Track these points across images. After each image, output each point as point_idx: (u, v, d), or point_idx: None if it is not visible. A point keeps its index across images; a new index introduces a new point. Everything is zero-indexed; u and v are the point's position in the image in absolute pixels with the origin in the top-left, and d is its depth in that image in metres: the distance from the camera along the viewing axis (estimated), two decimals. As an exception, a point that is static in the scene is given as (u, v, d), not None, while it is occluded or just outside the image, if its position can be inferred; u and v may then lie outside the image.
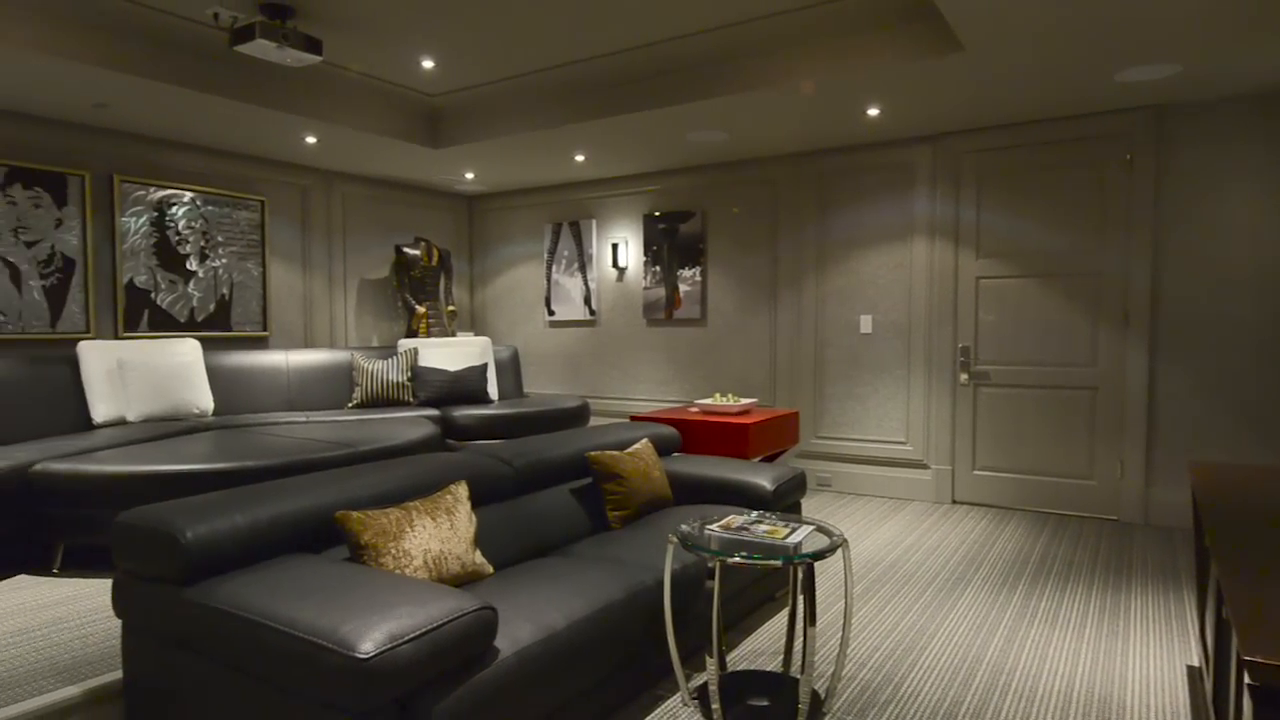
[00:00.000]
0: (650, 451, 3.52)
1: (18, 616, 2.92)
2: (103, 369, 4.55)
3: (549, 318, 7.41)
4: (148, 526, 2.07)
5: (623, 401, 6.98)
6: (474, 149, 5.79)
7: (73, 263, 5.09)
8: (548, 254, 7.39)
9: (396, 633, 1.69)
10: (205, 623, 1.91)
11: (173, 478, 3.34)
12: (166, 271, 5.59)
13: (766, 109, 4.77)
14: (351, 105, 5.18)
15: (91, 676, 2.36)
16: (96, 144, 5.22)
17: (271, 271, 6.29)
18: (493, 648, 1.94)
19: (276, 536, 2.20)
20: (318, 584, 1.92)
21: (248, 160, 6.09)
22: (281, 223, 6.37)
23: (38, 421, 4.25)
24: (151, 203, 5.49)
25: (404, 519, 2.29)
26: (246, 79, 4.61)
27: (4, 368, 4.21)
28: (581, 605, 2.24)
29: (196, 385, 4.91)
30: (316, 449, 3.79)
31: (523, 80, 5.07)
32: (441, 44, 4.45)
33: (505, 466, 3.01)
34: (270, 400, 5.43)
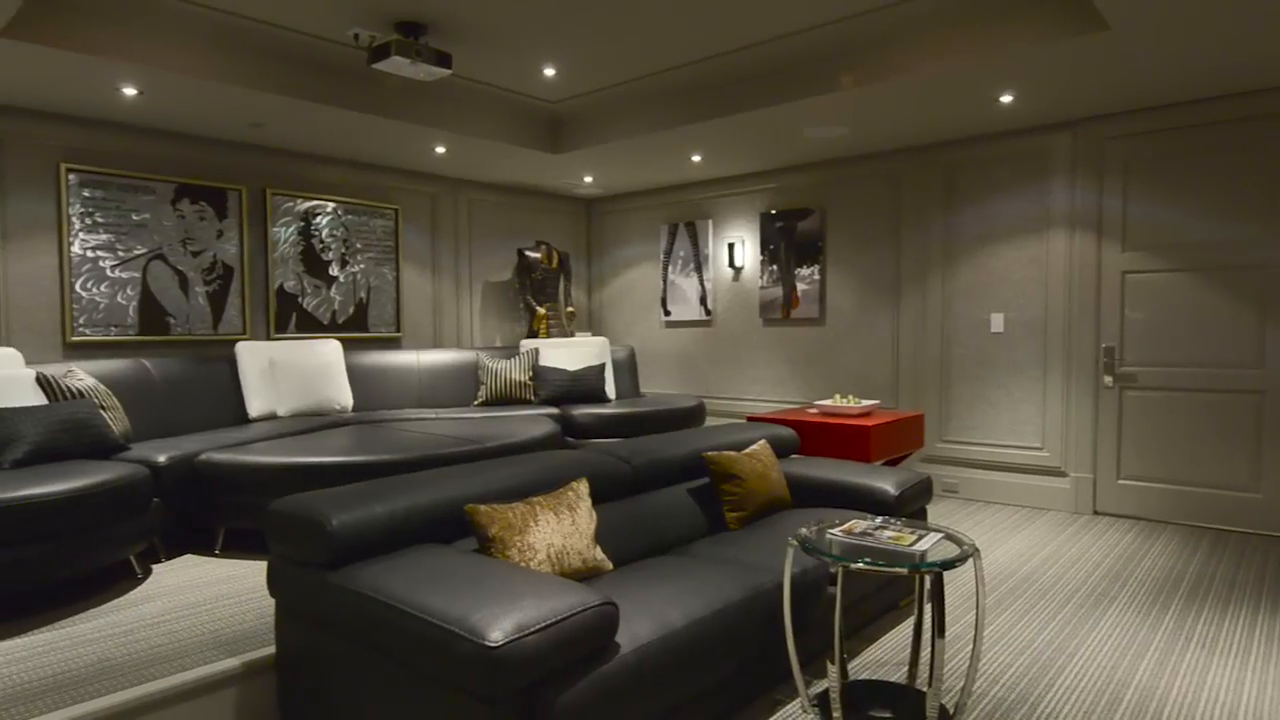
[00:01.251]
0: (768, 453, 3.49)
1: (186, 592, 3.21)
2: (256, 368, 4.94)
3: (665, 318, 7.46)
4: (298, 514, 2.23)
5: (738, 402, 6.93)
6: (592, 153, 5.90)
7: (231, 270, 5.56)
8: (664, 255, 7.44)
9: (523, 623, 1.75)
10: (348, 605, 2.04)
11: (318, 469, 3.59)
12: (311, 277, 6.01)
13: (889, 101, 4.62)
14: (477, 115, 5.40)
15: (248, 650, 2.57)
16: (251, 160, 5.67)
17: (404, 276, 6.64)
18: (613, 643, 1.97)
19: (411, 526, 2.32)
20: (450, 573, 2.02)
21: (383, 171, 6.45)
22: (413, 229, 6.71)
23: (202, 415, 4.66)
24: (298, 213, 5.92)
25: (528, 514, 2.36)
26: (383, 95, 4.89)
27: (175, 366, 4.65)
28: (700, 605, 2.25)
29: (338, 383, 5.25)
30: (446, 444, 3.97)
31: (640, 83, 5.13)
32: (562, 52, 4.56)
33: (624, 465, 3.06)
34: (403, 397, 5.73)
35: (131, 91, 4.34)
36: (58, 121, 4.81)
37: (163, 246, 5.22)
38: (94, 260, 4.94)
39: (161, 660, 2.51)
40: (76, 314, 4.89)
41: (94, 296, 4.95)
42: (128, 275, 5.08)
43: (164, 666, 2.45)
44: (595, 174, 6.74)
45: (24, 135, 4.70)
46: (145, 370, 4.45)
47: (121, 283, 5.06)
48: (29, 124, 4.71)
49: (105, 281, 4.99)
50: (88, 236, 4.91)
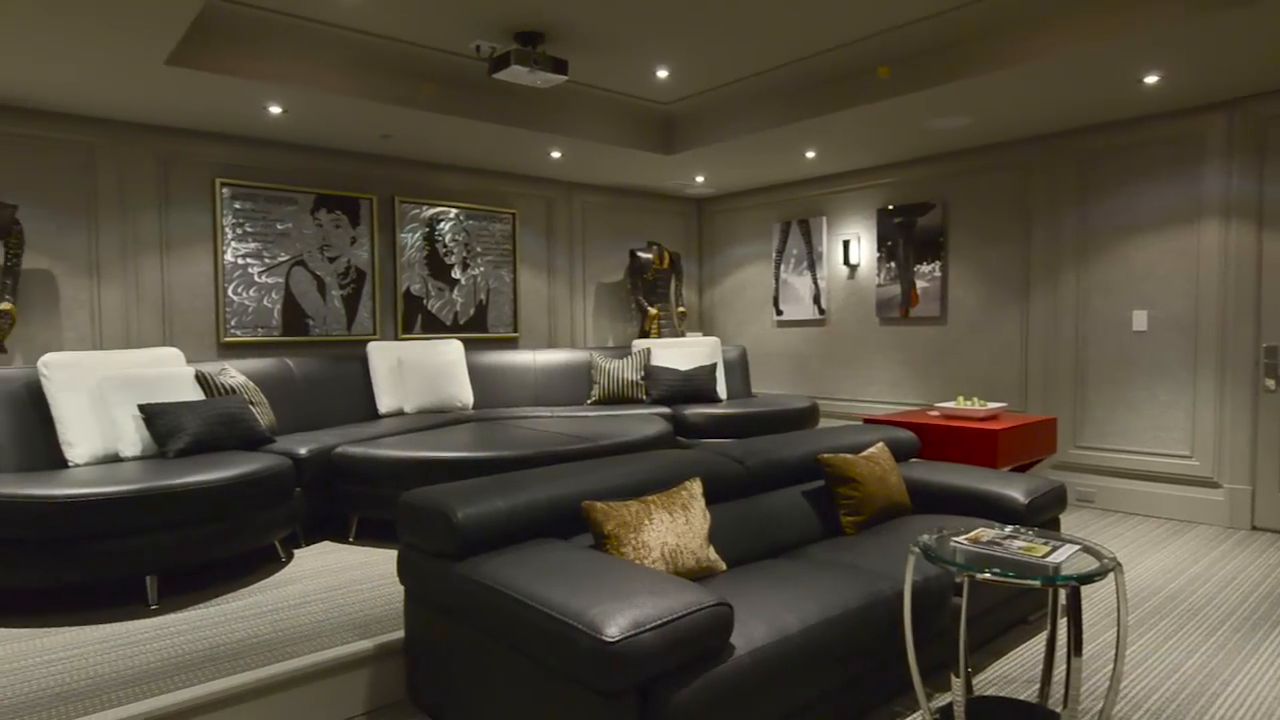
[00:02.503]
0: (886, 456, 3.38)
1: (323, 577, 3.43)
2: (386, 366, 5.22)
3: (777, 317, 7.36)
4: (426, 506, 2.34)
5: (853, 403, 6.76)
6: (704, 153, 5.90)
7: (364, 274, 5.90)
8: (776, 253, 7.34)
9: (639, 620, 1.77)
10: (472, 594, 2.13)
11: (443, 463, 3.75)
12: (435, 280, 6.29)
13: (1018, 88, 4.38)
14: (592, 119, 5.50)
15: (380, 634, 2.72)
16: (381, 170, 6.00)
17: (521, 278, 6.85)
18: (728, 644, 1.97)
19: (530, 521, 2.39)
20: (567, 568, 2.07)
21: (501, 177, 6.68)
22: (529, 233, 6.91)
23: (337, 410, 4.97)
24: (424, 219, 6.21)
25: (643, 512, 2.39)
26: (501, 103, 5.06)
27: (313, 365, 4.97)
28: (816, 610, 2.21)
29: (460, 381, 5.47)
30: (561, 442, 4.07)
31: (753, 81, 5.08)
32: (675, 53, 4.58)
33: (737, 465, 3.04)
34: (520, 396, 5.91)
35: (277, 110, 4.68)
36: (213, 140, 5.24)
37: (303, 253, 5.60)
38: (244, 267, 5.36)
39: (302, 639, 2.69)
40: (229, 316, 5.32)
41: (243, 300, 5.37)
42: (273, 281, 5.48)
43: (304, 645, 2.63)
44: (707, 173, 6.74)
45: (185, 154, 5.16)
46: (288, 369, 4.78)
47: (267, 287, 5.46)
48: (189, 143, 5.16)
49: (253, 287, 5.41)
50: (238, 245, 5.33)
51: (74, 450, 3.45)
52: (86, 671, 2.46)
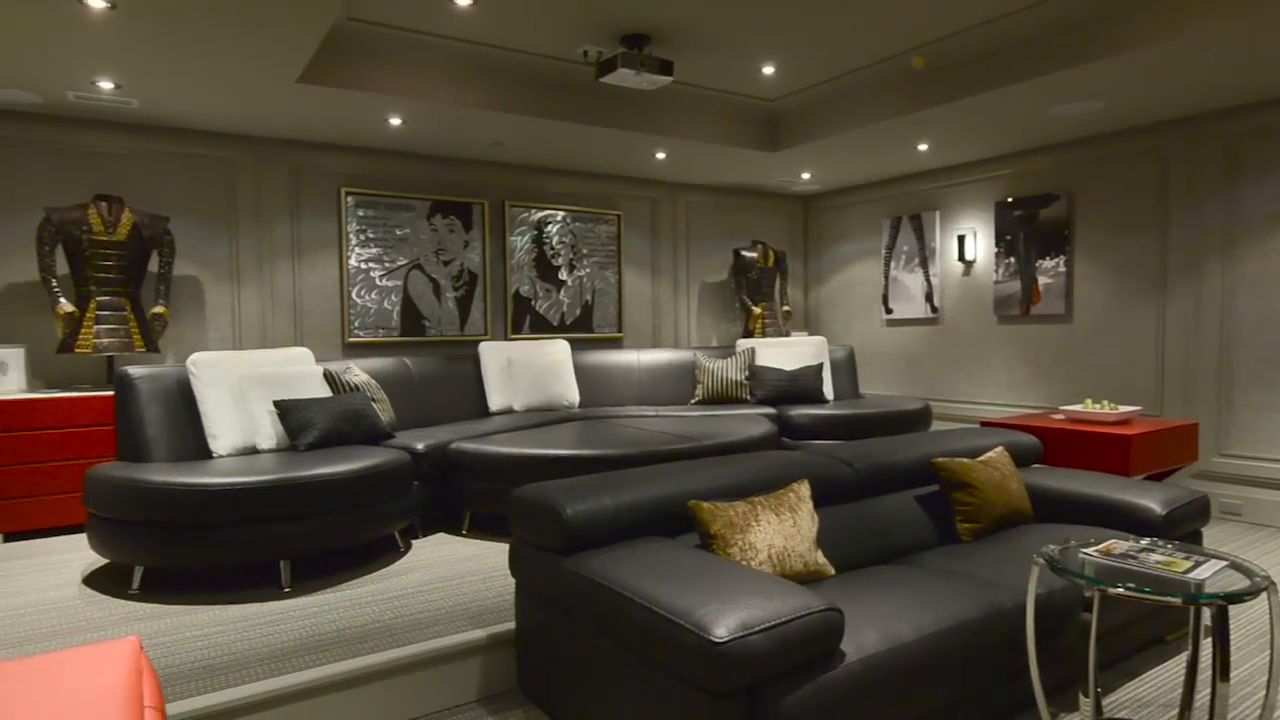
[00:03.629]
0: (1006, 461, 3.22)
1: (439, 567, 3.57)
2: (496, 366, 5.39)
3: (886, 316, 7.14)
4: (536, 501, 2.41)
5: (968, 405, 6.48)
6: (811, 149, 5.79)
7: (475, 277, 6.11)
8: (885, 250, 7.13)
9: (747, 622, 1.76)
10: (580, 589, 2.17)
11: (552, 460, 3.84)
12: (543, 281, 6.45)
13: (1155, 69, 4.08)
14: (696, 119, 5.50)
15: (492, 624, 2.81)
16: (492, 176, 6.20)
17: (625, 278, 6.93)
18: (839, 650, 1.93)
19: (636, 519, 2.42)
20: (674, 567, 2.08)
21: (606, 179, 6.77)
22: (634, 234, 6.98)
23: (451, 408, 5.17)
24: (532, 223, 6.38)
25: (750, 513, 2.37)
26: (607, 107, 5.13)
27: (429, 364, 5.19)
28: (931, 619, 2.13)
29: (566, 380, 5.59)
30: (666, 441, 4.09)
31: (862, 74, 4.95)
32: (782, 49, 4.52)
33: (846, 468, 2.97)
34: (624, 395, 5.98)
35: (397, 121, 4.91)
36: (338, 152, 5.56)
37: (420, 257, 5.86)
38: (366, 271, 5.65)
39: (420, 626, 2.81)
40: (352, 318, 5.63)
41: (365, 303, 5.66)
42: (392, 284, 5.76)
43: (422, 631, 2.75)
44: (814, 170, 6.61)
45: (314, 165, 5.49)
46: (406, 368, 5.01)
47: (387, 290, 5.74)
48: (317, 156, 5.49)
49: (375, 290, 5.70)
50: (361, 250, 5.63)
51: (218, 442, 3.73)
52: (229, 648, 2.66)
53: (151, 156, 4.99)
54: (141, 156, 4.96)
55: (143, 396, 3.66)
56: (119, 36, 3.46)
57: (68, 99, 4.33)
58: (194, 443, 3.75)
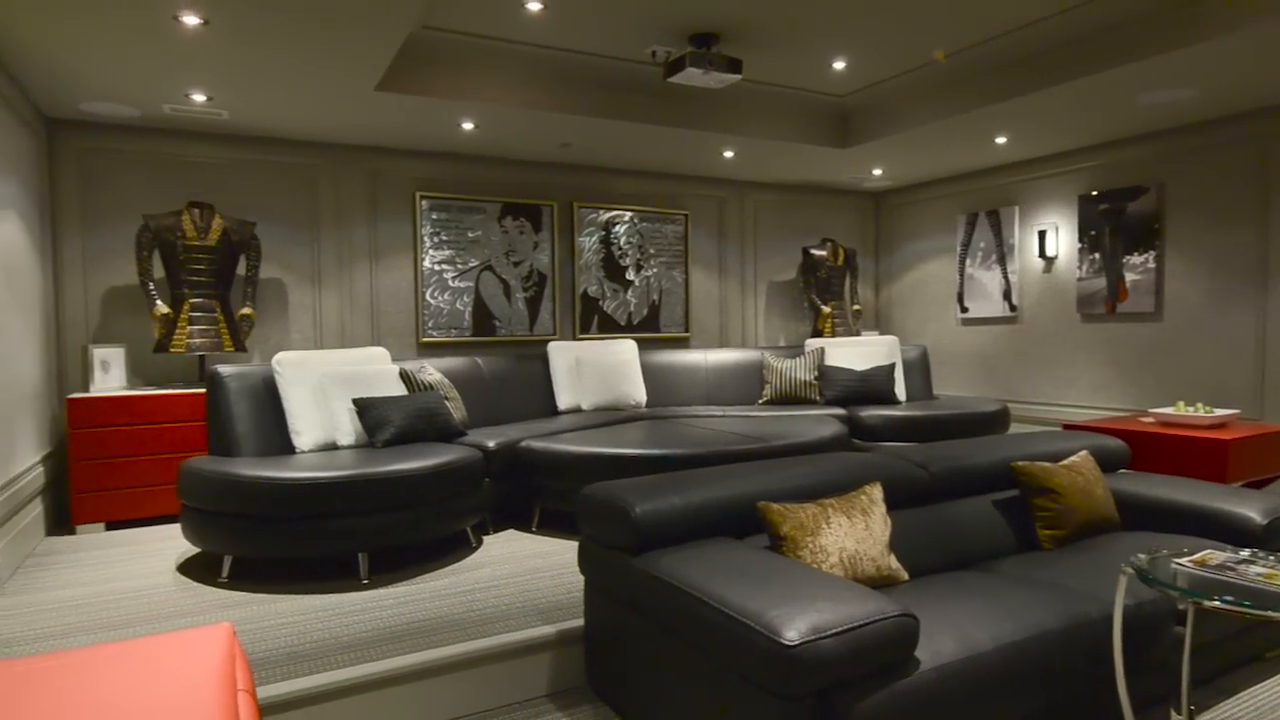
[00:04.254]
0: (1091, 466, 3.09)
1: (509, 563, 3.64)
2: (564, 365, 5.45)
3: (961, 315, 6.94)
4: (605, 500, 2.43)
5: (1049, 408, 6.24)
6: (883, 144, 5.67)
7: (545, 278, 6.20)
8: (960, 247, 6.93)
9: (819, 626, 1.74)
10: (649, 589, 2.18)
11: (620, 459, 3.87)
12: (611, 282, 6.49)
13: (1257, 51, 3.86)
14: (765, 117, 5.45)
15: (561, 620, 2.84)
16: (560, 178, 6.27)
17: (692, 278, 6.92)
18: (913, 657, 1.88)
19: (705, 519, 2.41)
20: (744, 568, 2.06)
21: (674, 179, 6.78)
22: (701, 233, 6.96)
23: (520, 406, 5.25)
24: (600, 224, 6.43)
25: (820, 515, 2.34)
26: (675, 106, 5.14)
27: (499, 363, 5.29)
28: (1010, 629, 2.06)
29: (633, 380, 5.61)
30: (734, 441, 4.07)
31: (936, 67, 4.82)
32: (853, 43, 4.44)
33: (920, 471, 2.90)
34: (691, 394, 5.97)
35: (469, 126, 5.02)
36: (413, 157, 5.71)
37: (491, 259, 5.98)
38: (439, 273, 5.80)
39: (491, 620, 2.87)
40: (426, 318, 5.78)
41: (439, 304, 5.81)
42: (464, 285, 5.89)
43: (493, 626, 2.80)
44: (885, 166, 6.48)
45: (391, 170, 5.66)
46: (477, 367, 5.12)
47: (459, 291, 5.88)
48: (394, 161, 5.66)
49: (447, 291, 5.84)
50: (435, 252, 5.78)
51: (301, 438, 3.88)
52: (311, 635, 2.77)
53: (239, 165, 5.23)
54: (230, 165, 5.20)
55: (232, 394, 3.84)
56: (211, 52, 3.64)
57: (164, 112, 4.57)
58: (278, 438, 3.91)
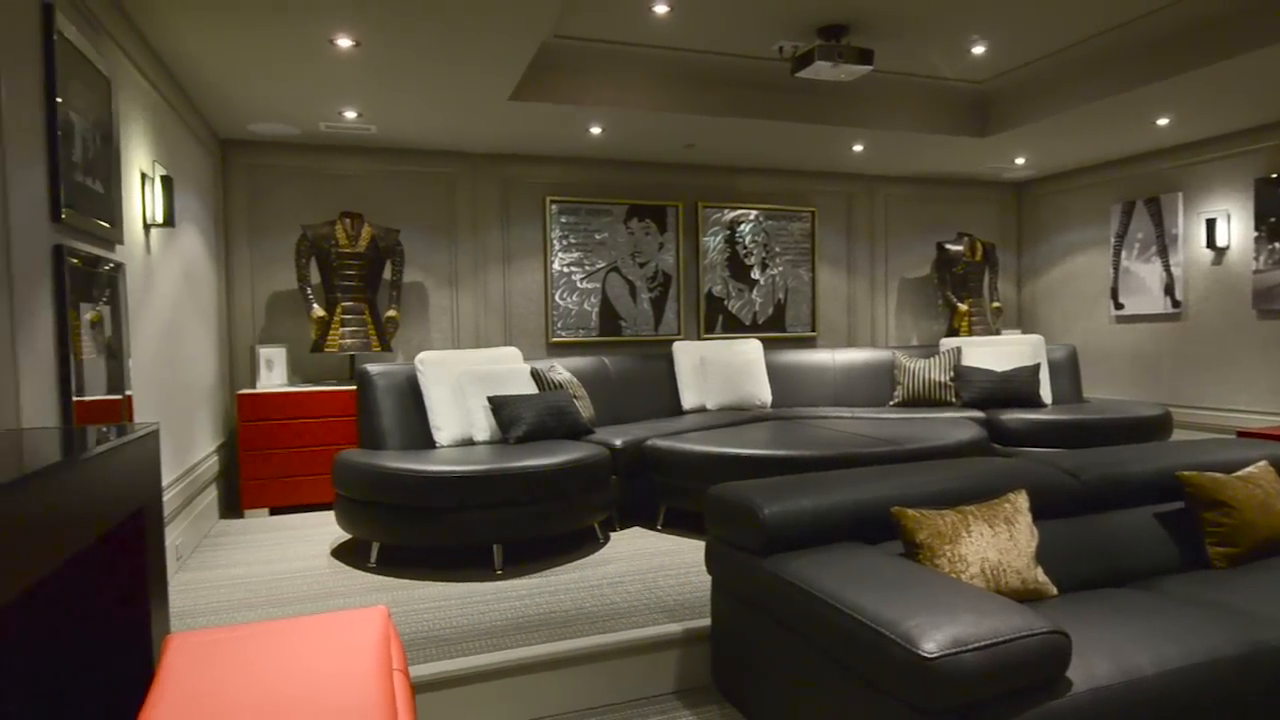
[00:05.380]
0: (1271, 477, 2.80)
1: (636, 560, 3.69)
2: (689, 365, 5.47)
3: (1115, 312, 6.44)
4: (733, 500, 2.42)
5: (1218, 413, 5.69)
6: (1026, 131, 5.35)
7: (669, 278, 6.24)
8: (1115, 238, 6.43)
9: (961, 638, 1.66)
10: (778, 591, 2.15)
11: (746, 459, 3.84)
12: (735, 281, 6.46)
13: None
14: (897, 108, 5.26)
15: (687, 619, 2.86)
16: (685, 178, 6.30)
17: (819, 276, 6.77)
18: (1064, 678, 1.77)
19: (835, 523, 2.36)
20: (878, 574, 2.00)
21: (800, 175, 6.66)
22: (828, 230, 6.81)
23: (646, 406, 5.31)
24: (724, 223, 6.41)
25: (959, 522, 2.24)
26: (801, 101, 5.04)
27: (625, 363, 5.37)
28: (1176, 653, 1.90)
29: (758, 380, 5.56)
30: (864, 444, 3.95)
31: (1088, 45, 4.50)
32: (994, 27, 4.21)
33: (1070, 479, 2.72)
34: (818, 395, 5.84)
35: (597, 130, 5.13)
36: (543, 162, 5.90)
37: (617, 260, 6.09)
38: (567, 274, 5.96)
39: (618, 615, 2.92)
40: (555, 319, 5.95)
41: (567, 305, 5.97)
42: (591, 286, 6.02)
43: (620, 621, 2.85)
44: (1029, 154, 6.10)
45: (522, 177, 5.87)
46: (604, 366, 5.22)
47: (586, 292, 6.01)
48: (524, 167, 5.86)
49: (575, 292, 5.99)
50: (563, 255, 5.94)
51: (441, 433, 4.09)
52: (450, 622, 2.91)
53: (385, 175, 5.57)
54: (377, 176, 5.55)
55: (379, 391, 4.10)
56: (362, 72, 3.89)
57: (320, 129, 4.94)
58: (421, 433, 4.13)
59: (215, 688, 1.02)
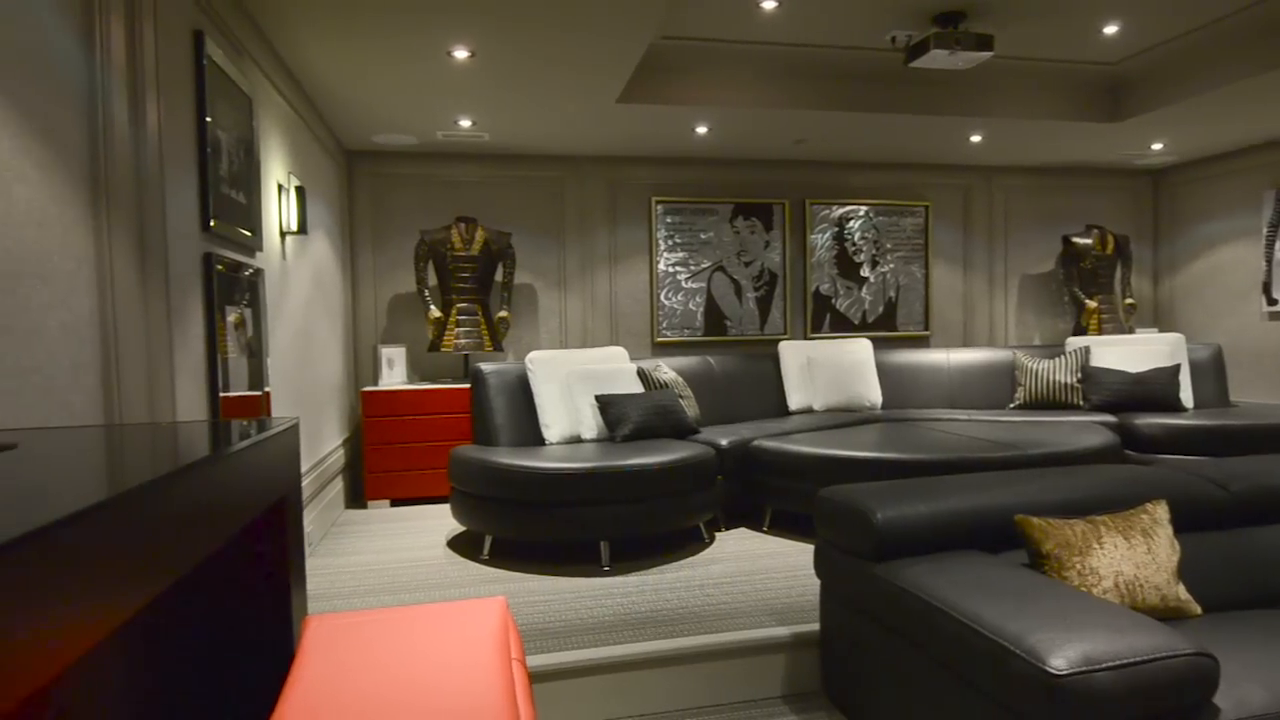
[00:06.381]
0: None
1: (741, 561, 3.66)
2: (795, 365, 5.38)
3: (1268, 309, 5.90)
4: (844, 504, 2.36)
5: (1396, 420, 5.11)
6: (1166, 114, 4.98)
7: (775, 277, 6.16)
8: (1268, 227, 5.89)
9: (1093, 656, 1.56)
10: (891, 599, 2.09)
11: (855, 462, 3.75)
12: (843, 279, 6.31)
13: None
14: (1019, 95, 5.01)
15: (794, 623, 2.81)
16: (792, 175, 6.20)
17: (933, 273, 6.52)
18: (1210, 704, 1.64)
19: (953, 530, 2.27)
20: (1000, 586, 1.91)
21: (913, 169, 6.43)
22: (943, 225, 6.54)
23: (751, 406, 5.26)
24: (832, 220, 6.27)
25: (1090, 533, 2.11)
26: (915, 92, 4.87)
27: (730, 363, 5.34)
28: (1345, 684, 1.72)
29: (868, 381, 5.41)
30: (982, 448, 3.78)
31: (1234, 19, 4.14)
32: (1128, 2, 3.94)
33: (1217, 489, 2.51)
34: (932, 397, 5.63)
35: (703, 130, 5.12)
36: (649, 163, 5.94)
37: (722, 260, 6.06)
38: (673, 274, 5.98)
39: (724, 616, 2.91)
40: (660, 319, 5.98)
41: (672, 305, 5.99)
42: (696, 286, 6.02)
43: (726, 622, 2.84)
44: (1168, 139, 5.68)
45: (627, 178, 5.93)
46: (709, 366, 5.21)
47: (691, 292, 6.02)
48: (630, 169, 5.92)
49: (680, 292, 6.00)
50: (669, 255, 5.97)
51: (550, 431, 4.19)
52: (559, 616, 2.98)
53: (497, 181, 5.75)
54: (489, 182, 5.74)
55: (491, 389, 4.24)
56: (476, 81, 4.04)
57: (437, 138, 5.15)
58: (531, 430, 4.25)
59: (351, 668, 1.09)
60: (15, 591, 0.56)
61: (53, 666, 0.61)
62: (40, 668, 0.59)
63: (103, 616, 0.69)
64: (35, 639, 0.59)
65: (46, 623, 0.61)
